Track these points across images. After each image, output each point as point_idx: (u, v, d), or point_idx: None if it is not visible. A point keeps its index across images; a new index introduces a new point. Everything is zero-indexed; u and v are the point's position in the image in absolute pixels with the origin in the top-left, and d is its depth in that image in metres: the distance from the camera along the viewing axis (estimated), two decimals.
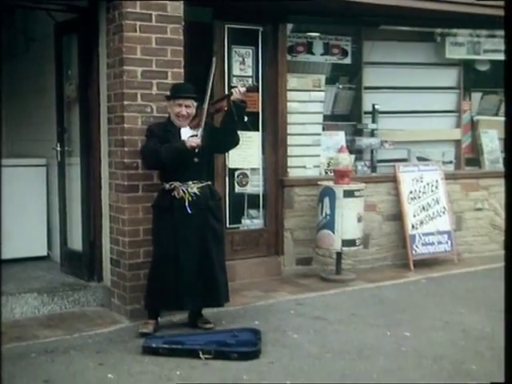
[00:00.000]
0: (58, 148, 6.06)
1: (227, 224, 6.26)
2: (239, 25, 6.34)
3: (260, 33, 6.46)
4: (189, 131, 4.75)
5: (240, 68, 6.37)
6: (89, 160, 5.60)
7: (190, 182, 4.70)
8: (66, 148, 6.02)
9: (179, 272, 4.70)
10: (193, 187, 4.69)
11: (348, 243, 6.28)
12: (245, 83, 6.17)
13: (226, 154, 6.12)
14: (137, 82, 5.03)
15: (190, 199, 4.67)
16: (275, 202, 6.59)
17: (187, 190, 4.67)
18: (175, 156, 4.63)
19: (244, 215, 6.57)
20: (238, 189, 6.48)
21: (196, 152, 4.62)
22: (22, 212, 6.32)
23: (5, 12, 6.22)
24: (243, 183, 6.49)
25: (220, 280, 4.81)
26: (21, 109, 6.74)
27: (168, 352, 4.26)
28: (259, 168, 6.56)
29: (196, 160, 4.69)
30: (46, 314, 5.28)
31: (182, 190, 4.67)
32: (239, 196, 6.51)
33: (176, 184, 4.68)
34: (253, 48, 6.44)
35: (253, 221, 6.61)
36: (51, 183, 6.51)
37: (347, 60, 7.18)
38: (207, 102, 4.69)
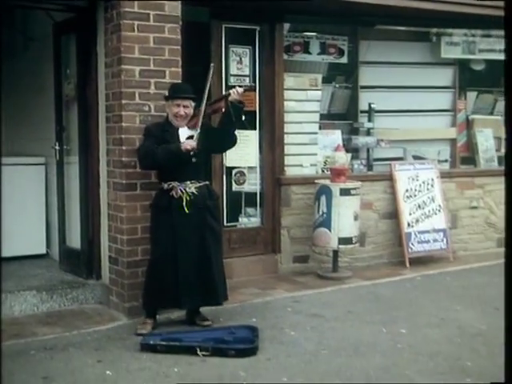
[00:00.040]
0: (57, 147, 6.06)
1: (225, 222, 6.28)
2: (236, 24, 6.34)
3: (257, 32, 6.47)
4: (187, 131, 4.75)
5: (237, 67, 6.38)
6: (87, 158, 5.61)
7: (188, 182, 4.70)
8: (65, 147, 6.02)
9: (177, 271, 4.70)
10: (191, 187, 4.70)
11: (344, 241, 6.29)
12: (242, 83, 6.22)
13: (224, 153, 6.10)
14: (135, 81, 5.04)
15: (188, 199, 4.67)
16: (272, 201, 6.60)
17: (185, 190, 4.68)
18: (170, 158, 4.64)
19: (241, 213, 6.58)
20: (236, 187, 6.49)
21: (191, 154, 4.63)
22: (21, 210, 6.33)
23: (4, 12, 6.22)
24: (240, 182, 6.50)
25: (218, 279, 4.82)
26: (20, 108, 6.74)
27: (166, 349, 4.27)
28: (256, 166, 6.56)
29: (194, 160, 4.69)
30: (45, 312, 5.29)
31: (180, 190, 4.68)
32: (236, 194, 6.52)
33: (174, 184, 4.69)
34: (250, 47, 6.45)
35: (250, 219, 6.62)
36: (50, 182, 6.51)
37: (344, 59, 7.18)
38: (204, 105, 4.69)
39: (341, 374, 3.92)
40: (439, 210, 7.19)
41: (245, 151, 6.36)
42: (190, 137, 4.68)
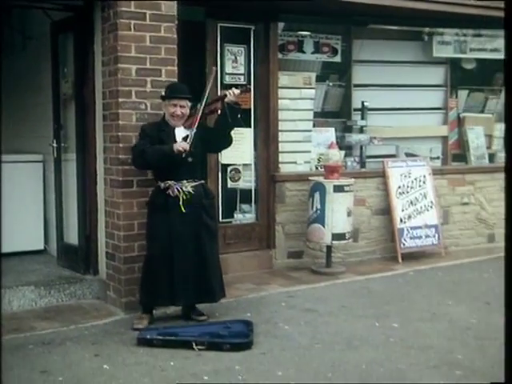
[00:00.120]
0: (55, 144, 6.07)
1: (220, 218, 6.29)
2: (232, 23, 6.36)
3: (252, 31, 6.49)
4: (183, 131, 4.77)
5: (232, 66, 6.40)
6: (84, 156, 5.61)
7: (185, 181, 4.72)
8: (63, 144, 6.03)
9: (172, 268, 4.72)
10: (187, 186, 4.72)
11: (338, 237, 6.33)
12: (237, 81, 6.24)
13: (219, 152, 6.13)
14: (131, 80, 5.05)
15: (185, 198, 4.70)
16: (267, 197, 6.62)
17: (182, 189, 4.70)
18: (162, 159, 4.65)
19: (236, 210, 6.61)
20: (231, 184, 6.51)
21: (183, 156, 4.62)
22: (20, 207, 6.33)
23: (3, 11, 6.22)
24: (236, 178, 6.53)
25: (213, 277, 4.84)
26: (18, 106, 6.74)
27: (162, 343, 4.30)
28: (251, 164, 6.59)
29: (190, 159, 4.70)
30: (43, 307, 5.30)
31: (177, 189, 4.70)
32: (232, 191, 6.54)
33: (170, 183, 4.71)
34: (245, 46, 6.47)
35: (245, 215, 6.65)
36: (48, 179, 6.52)
37: (337, 58, 7.20)
38: (203, 106, 4.71)
39: (334, 368, 3.95)
40: (431, 207, 7.23)
41: (240, 149, 6.36)
42: (186, 137, 4.69)
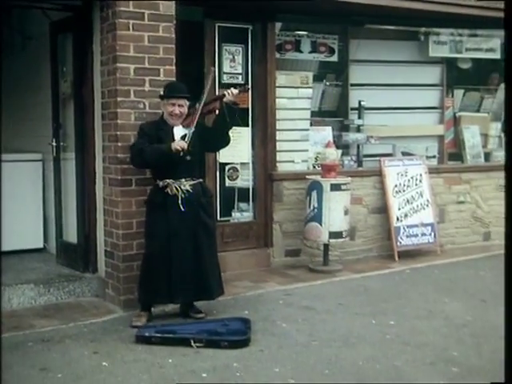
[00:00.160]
0: (54, 143, 6.09)
1: (218, 217, 6.31)
2: (229, 23, 6.38)
3: (250, 31, 6.51)
4: (181, 130, 4.79)
5: (230, 65, 6.42)
6: (83, 155, 5.63)
7: (183, 180, 4.74)
8: (62, 143, 6.05)
9: (171, 266, 4.75)
10: (185, 184, 4.74)
11: (335, 235, 6.35)
12: (234, 81, 6.23)
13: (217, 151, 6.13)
14: (130, 79, 5.07)
15: (183, 196, 4.72)
16: (264, 196, 6.65)
17: (180, 187, 4.72)
18: (160, 158, 4.67)
19: (234, 208, 6.63)
20: (229, 183, 6.53)
21: (181, 155, 4.64)
22: (19, 205, 6.35)
23: (3, 11, 6.23)
24: (233, 177, 6.55)
25: (211, 274, 4.86)
26: (18, 106, 6.76)
27: (160, 341, 4.32)
28: (249, 162, 6.61)
29: (188, 158, 4.72)
30: (43, 305, 5.33)
31: (175, 187, 4.72)
32: (230, 190, 6.56)
33: (169, 181, 4.73)
34: (243, 46, 6.49)
35: (243, 214, 6.67)
36: (47, 177, 6.54)
37: (334, 58, 7.24)
38: (201, 105, 4.74)
39: (331, 365, 3.98)
40: (427, 205, 7.26)
41: (238, 148, 6.39)
42: (185, 135, 4.71)
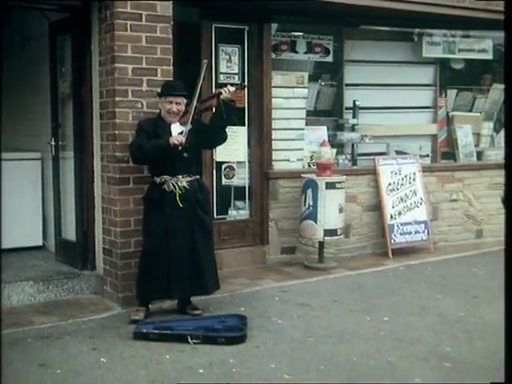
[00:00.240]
0: (53, 142, 6.11)
1: (215, 215, 6.34)
2: (226, 24, 6.42)
3: (246, 32, 6.55)
4: (178, 127, 4.84)
5: (227, 66, 6.46)
6: (82, 154, 5.66)
7: (180, 176, 4.79)
8: (61, 142, 6.07)
9: (168, 262, 4.79)
10: (182, 181, 4.79)
11: (330, 233, 6.39)
12: (231, 80, 6.26)
13: (214, 148, 6.17)
14: (128, 79, 5.11)
15: (180, 193, 4.76)
16: (260, 194, 6.68)
17: (177, 184, 4.77)
18: (159, 152, 4.71)
19: (231, 206, 6.67)
20: (225, 181, 6.57)
21: (179, 149, 4.68)
22: (19, 204, 6.37)
23: (2, 12, 6.24)
24: (230, 176, 6.58)
25: (207, 270, 4.89)
26: (17, 106, 6.77)
27: (158, 337, 4.34)
28: (245, 161, 6.65)
29: (185, 155, 4.77)
30: (42, 302, 5.35)
31: (172, 184, 4.77)
32: (226, 188, 6.60)
33: (166, 177, 4.78)
34: (239, 46, 6.52)
35: (239, 212, 6.70)
36: (46, 176, 6.56)
37: (329, 58, 7.27)
38: (195, 101, 4.78)
39: (326, 361, 4.01)
40: (421, 203, 7.32)
41: (234, 146, 6.42)
42: (182, 132, 4.75)
